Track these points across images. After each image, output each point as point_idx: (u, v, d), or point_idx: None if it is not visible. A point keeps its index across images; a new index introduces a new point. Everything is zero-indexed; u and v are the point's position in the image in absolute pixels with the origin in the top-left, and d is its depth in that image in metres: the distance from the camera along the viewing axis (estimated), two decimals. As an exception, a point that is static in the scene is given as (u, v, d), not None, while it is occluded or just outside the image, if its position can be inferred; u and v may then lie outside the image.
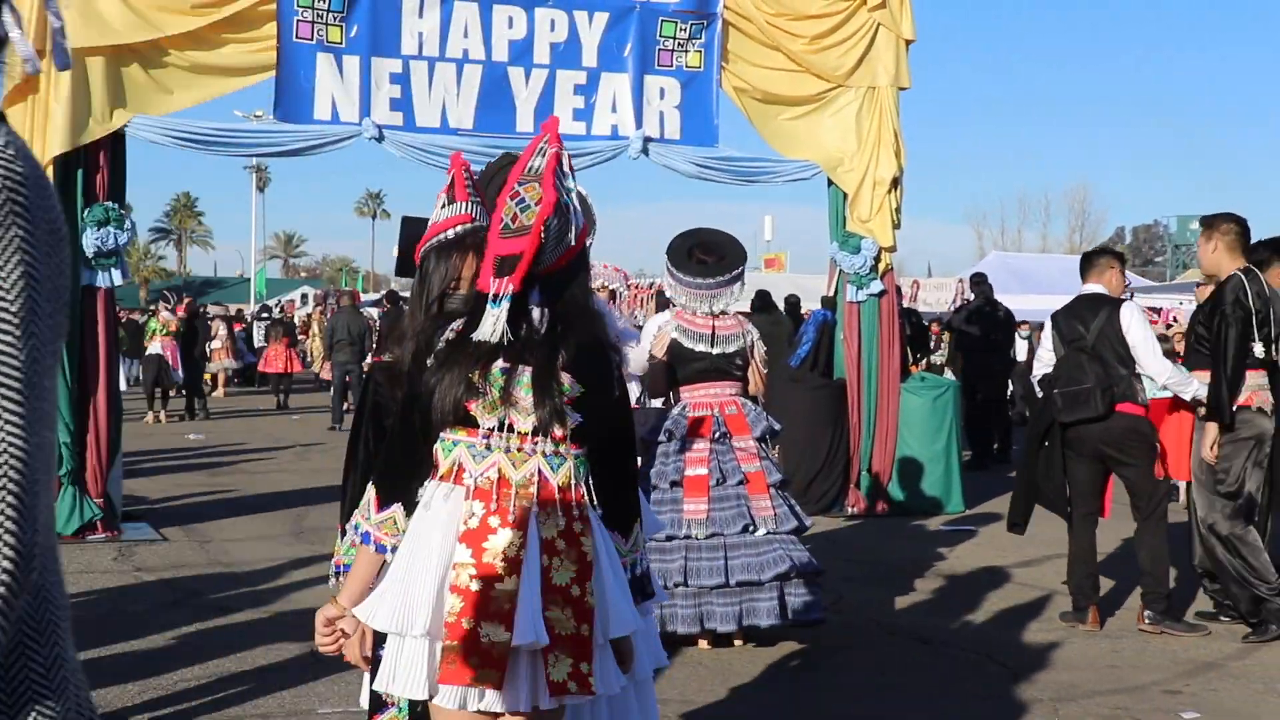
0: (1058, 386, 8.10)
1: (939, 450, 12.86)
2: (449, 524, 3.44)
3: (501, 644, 3.34)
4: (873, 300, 12.51)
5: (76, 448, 10.44)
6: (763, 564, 7.24)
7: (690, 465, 7.36)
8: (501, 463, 3.46)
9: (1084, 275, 8.47)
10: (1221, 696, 6.80)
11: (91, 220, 10.44)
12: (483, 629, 3.35)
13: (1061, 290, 27.95)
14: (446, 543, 3.42)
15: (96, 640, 7.34)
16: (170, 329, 23.09)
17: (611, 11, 11.74)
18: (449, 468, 3.49)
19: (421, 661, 3.39)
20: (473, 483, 3.46)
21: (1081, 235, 77.82)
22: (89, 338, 10.58)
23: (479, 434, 3.47)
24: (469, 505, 3.45)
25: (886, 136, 12.26)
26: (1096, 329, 8.09)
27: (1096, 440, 8.06)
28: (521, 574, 3.39)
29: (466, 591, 3.37)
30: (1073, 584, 8.26)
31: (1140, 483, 8.10)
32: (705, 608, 7.25)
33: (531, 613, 3.36)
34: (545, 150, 3.53)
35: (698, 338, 7.47)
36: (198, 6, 10.62)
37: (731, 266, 7.50)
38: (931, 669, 7.22)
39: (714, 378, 7.52)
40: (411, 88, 11.32)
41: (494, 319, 3.44)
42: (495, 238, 3.47)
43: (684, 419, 7.45)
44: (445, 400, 3.46)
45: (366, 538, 3.52)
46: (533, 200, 3.45)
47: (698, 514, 7.27)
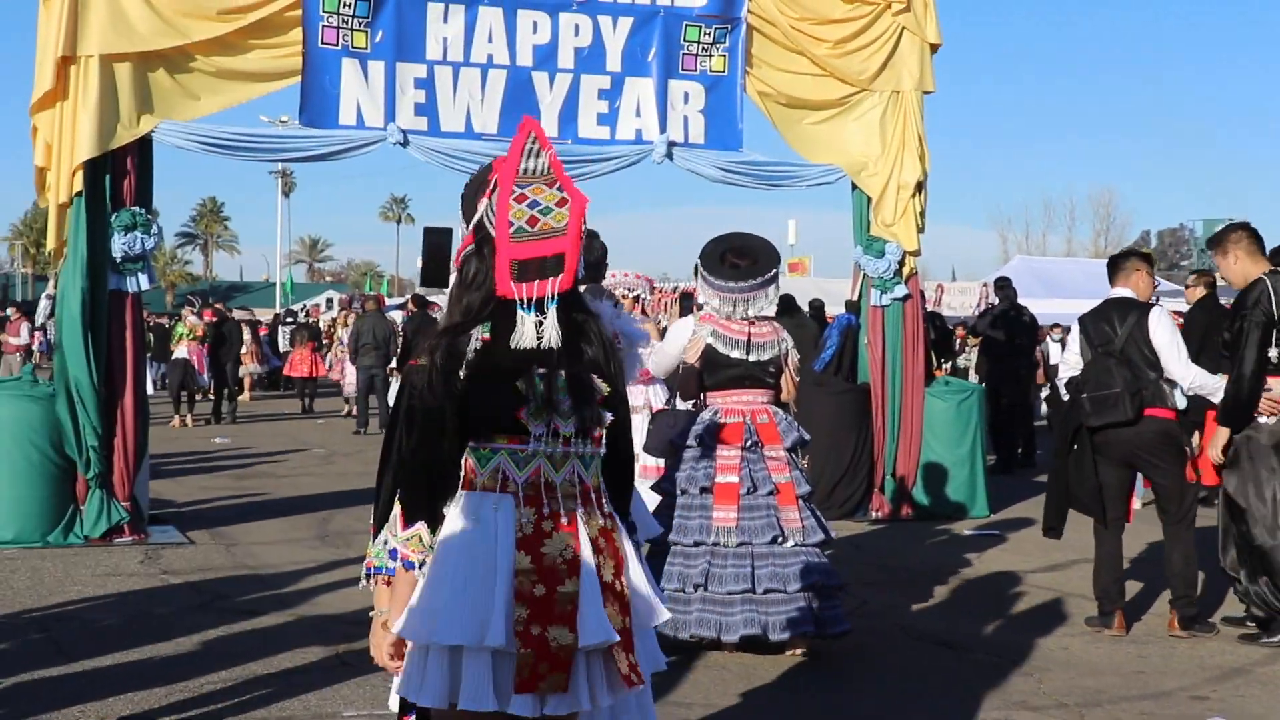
0: (1085, 390, 8.05)
1: (963, 454, 12.83)
2: (506, 533, 3.44)
3: (568, 646, 3.39)
4: (897, 304, 12.50)
5: (104, 451, 10.49)
6: (788, 575, 7.22)
7: (721, 472, 7.30)
8: (544, 467, 3.49)
9: (1112, 278, 8.41)
10: (1249, 702, 6.77)
11: (119, 225, 10.50)
12: (550, 633, 3.39)
13: (1086, 294, 27.86)
14: (508, 552, 3.43)
15: (123, 643, 7.38)
16: (196, 333, 23.20)
17: (636, 16, 11.75)
18: (491, 477, 3.49)
19: (487, 672, 3.38)
20: (519, 490, 3.48)
21: (1107, 239, 77.53)
22: (116, 342, 10.63)
23: (519, 440, 3.47)
24: (522, 512, 3.46)
25: (911, 140, 12.25)
26: (1125, 333, 8.05)
27: (1126, 445, 8.01)
28: (581, 575, 3.44)
29: (531, 598, 3.39)
30: (1098, 589, 8.21)
31: (1170, 487, 8.07)
32: (726, 618, 7.18)
33: (597, 612, 3.42)
34: (538, 151, 3.53)
35: (733, 344, 7.43)
36: (224, 12, 10.67)
37: (765, 270, 7.46)
38: (955, 674, 7.20)
39: (747, 385, 7.47)
40: (436, 93, 11.35)
41: (535, 323, 3.44)
42: (506, 242, 3.44)
43: (715, 425, 7.41)
44: (492, 409, 3.45)
45: (394, 554, 3.48)
46: (550, 202, 3.46)
47: (727, 521, 7.23)
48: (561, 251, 3.42)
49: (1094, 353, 8.14)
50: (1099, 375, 8.02)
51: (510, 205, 3.47)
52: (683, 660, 7.26)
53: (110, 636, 7.56)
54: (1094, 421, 8.01)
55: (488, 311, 3.51)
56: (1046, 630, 8.22)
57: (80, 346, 10.34)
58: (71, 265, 10.35)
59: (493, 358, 3.46)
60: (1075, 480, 8.15)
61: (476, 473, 3.50)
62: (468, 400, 3.45)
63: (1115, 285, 8.36)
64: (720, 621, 7.20)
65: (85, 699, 6.32)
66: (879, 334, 12.55)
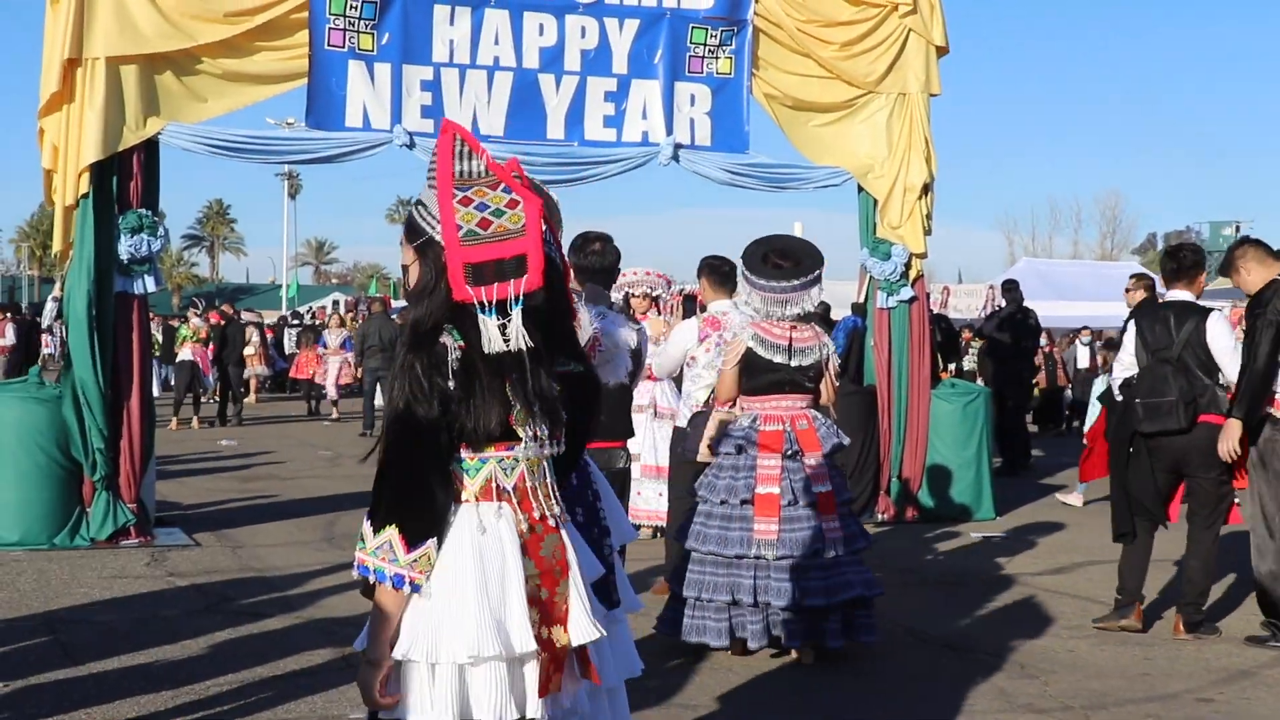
0: (1139, 396, 7.95)
1: (969, 457, 12.82)
2: (511, 540, 3.43)
3: (566, 645, 3.43)
4: (903, 306, 12.50)
5: (110, 453, 10.50)
6: (833, 587, 7.19)
7: (762, 483, 7.22)
8: (525, 470, 3.49)
9: (1171, 280, 8.26)
10: (1254, 705, 6.76)
11: (125, 227, 10.51)
12: (554, 634, 3.42)
13: (1092, 296, 27.84)
14: (516, 559, 3.41)
15: (129, 646, 7.39)
16: (200, 335, 23.23)
17: (642, 18, 11.76)
18: (483, 486, 3.46)
19: (504, 681, 3.36)
20: (514, 496, 3.47)
21: (1113, 241, 77.46)
22: (122, 344, 10.65)
23: (507, 447, 3.45)
24: (519, 517, 3.46)
25: (917, 143, 12.24)
26: (1183, 338, 7.92)
27: (1178, 451, 7.94)
28: (570, 575, 3.47)
29: (539, 602, 3.41)
30: (1123, 584, 8.13)
31: (1210, 493, 7.99)
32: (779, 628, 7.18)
33: (585, 610, 3.45)
34: (470, 154, 3.49)
35: (774, 348, 7.33)
36: (230, 15, 10.69)
37: (808, 271, 7.37)
38: (961, 676, 7.19)
39: (786, 390, 7.39)
40: (442, 95, 11.36)
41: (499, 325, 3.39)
42: (457, 246, 3.37)
43: (755, 432, 7.33)
44: (488, 420, 3.40)
45: (399, 580, 3.33)
46: (500, 204, 3.42)
47: (769, 534, 7.14)
48: (523, 253, 3.37)
49: (1149, 357, 8.01)
50: (1154, 382, 7.92)
51: (455, 208, 3.41)
52: (686, 661, 7.26)
53: (116, 639, 7.57)
54: (1147, 428, 7.92)
55: (447, 317, 3.44)
56: (1052, 633, 8.21)
57: (86, 349, 10.35)
58: (78, 267, 10.37)
59: (474, 365, 3.40)
60: (1135, 485, 8.03)
61: (465, 484, 3.45)
62: (458, 411, 3.39)
63: (1174, 287, 8.21)
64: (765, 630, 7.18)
65: (91, 702, 6.32)
66: (885, 336, 12.55)
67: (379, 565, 3.33)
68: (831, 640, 7.23)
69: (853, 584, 7.26)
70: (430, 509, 3.37)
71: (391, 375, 3.47)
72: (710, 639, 7.21)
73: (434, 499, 3.38)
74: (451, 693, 3.34)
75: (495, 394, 3.40)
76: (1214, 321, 8.00)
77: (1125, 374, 8.19)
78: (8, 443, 10.37)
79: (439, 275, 3.43)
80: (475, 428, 3.38)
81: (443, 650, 3.32)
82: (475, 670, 3.34)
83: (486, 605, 3.34)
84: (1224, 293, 29.13)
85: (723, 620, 7.21)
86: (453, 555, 3.39)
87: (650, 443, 10.97)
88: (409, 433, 3.35)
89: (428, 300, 3.45)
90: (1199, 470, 8.01)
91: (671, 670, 7.13)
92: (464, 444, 3.42)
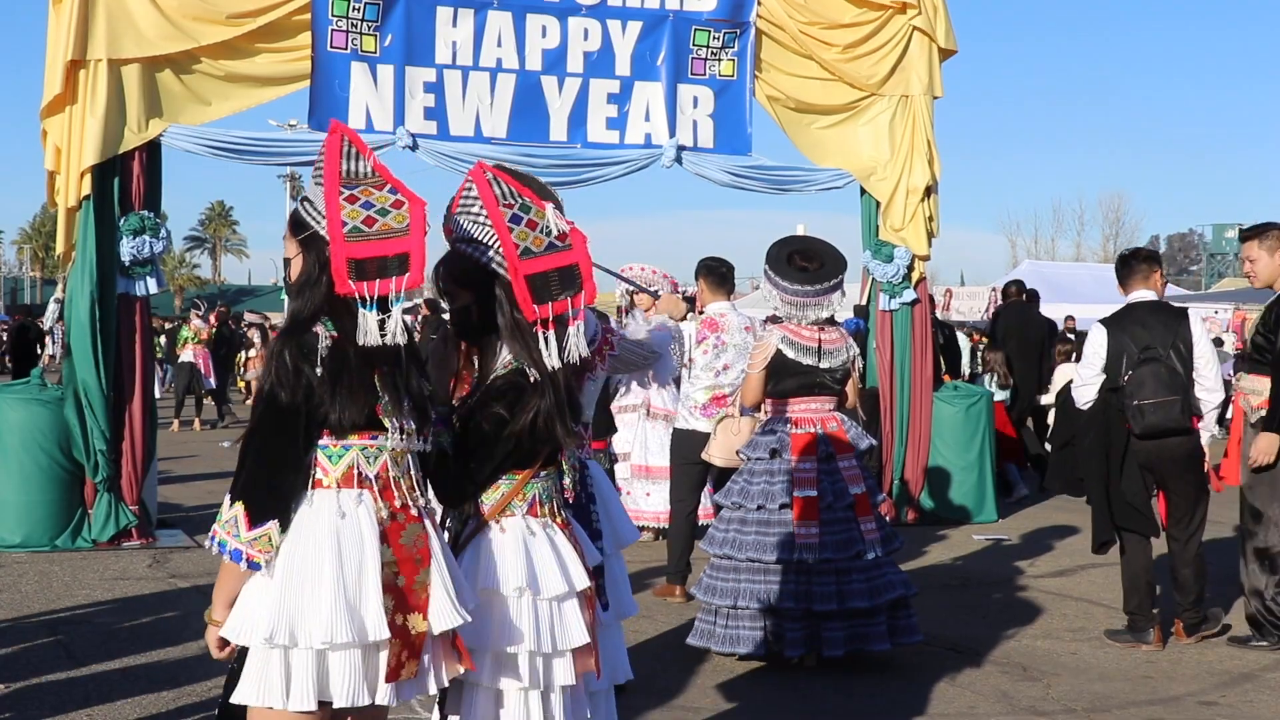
0: (1138, 398, 7.70)
1: (972, 459, 12.81)
2: (370, 527, 3.52)
3: (422, 632, 3.50)
4: (905, 309, 12.48)
5: (112, 455, 10.50)
6: (875, 589, 7.17)
7: (799, 486, 7.16)
8: (389, 460, 3.60)
9: (1126, 281, 8.09)
10: (1258, 708, 6.76)
11: (127, 229, 10.51)
12: (410, 621, 3.49)
13: (1095, 299, 27.83)
14: (374, 546, 3.50)
15: (131, 647, 7.39)
16: (201, 337, 23.26)
17: (645, 20, 11.75)
18: (345, 473, 3.56)
19: (358, 667, 3.47)
20: (375, 484, 3.57)
21: (1116, 244, 77.33)
22: (124, 346, 10.65)
23: (370, 436, 3.56)
24: (379, 505, 3.56)
25: (920, 145, 12.23)
26: (1169, 339, 7.78)
27: (1157, 456, 7.81)
28: (431, 564, 3.56)
29: (394, 588, 3.50)
30: (1132, 604, 7.96)
31: (1186, 502, 7.91)
32: (825, 634, 7.11)
33: (447, 598, 3.53)
34: (358, 155, 3.62)
35: (804, 351, 7.28)
36: (233, 17, 10.68)
37: (831, 275, 7.30)
38: (964, 678, 7.19)
39: (816, 393, 7.35)
40: (445, 97, 11.36)
41: (378, 320, 3.51)
42: (341, 241, 3.47)
43: (788, 436, 7.29)
44: (353, 409, 3.52)
45: (237, 555, 3.46)
46: (385, 204, 3.53)
47: (810, 538, 7.09)
48: (405, 251, 3.48)
49: (1139, 359, 7.76)
50: (1148, 382, 7.70)
51: (342, 205, 3.51)
52: (688, 664, 7.26)
53: (118, 640, 7.57)
54: (1147, 430, 7.70)
55: (325, 310, 3.57)
56: (1055, 635, 8.21)
57: (89, 350, 10.35)
58: (80, 269, 10.37)
59: (344, 356, 3.52)
60: (1129, 493, 7.83)
61: (328, 470, 3.55)
62: (322, 398, 3.50)
63: (1134, 288, 8.04)
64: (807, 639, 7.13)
65: (93, 703, 6.33)
66: (887, 338, 12.53)
67: (223, 538, 3.49)
68: (877, 644, 7.18)
69: (894, 584, 7.25)
70: (276, 491, 3.50)
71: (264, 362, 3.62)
72: (747, 648, 7.11)
73: (281, 482, 3.51)
74: (309, 675, 3.45)
75: (362, 384, 3.53)
76: (1197, 325, 7.90)
77: (1096, 380, 7.93)
78: (10, 444, 10.37)
79: (322, 269, 3.56)
80: (339, 416, 3.50)
81: (300, 634, 3.44)
82: (332, 654, 3.45)
83: (342, 591, 3.45)
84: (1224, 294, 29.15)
85: (758, 629, 7.12)
86: (312, 540, 3.49)
87: (641, 442, 10.96)
88: (270, 416, 3.49)
89: (309, 292, 3.59)
90: (1176, 478, 7.90)
91: (672, 672, 7.13)
92: (327, 431, 3.53)
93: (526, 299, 3.72)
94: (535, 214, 3.80)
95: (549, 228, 3.79)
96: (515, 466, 3.87)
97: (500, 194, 3.81)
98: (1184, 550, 7.96)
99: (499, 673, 3.80)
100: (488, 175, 3.86)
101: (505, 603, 3.76)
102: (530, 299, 3.71)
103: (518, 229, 3.75)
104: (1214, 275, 58.63)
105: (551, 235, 3.78)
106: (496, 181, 3.84)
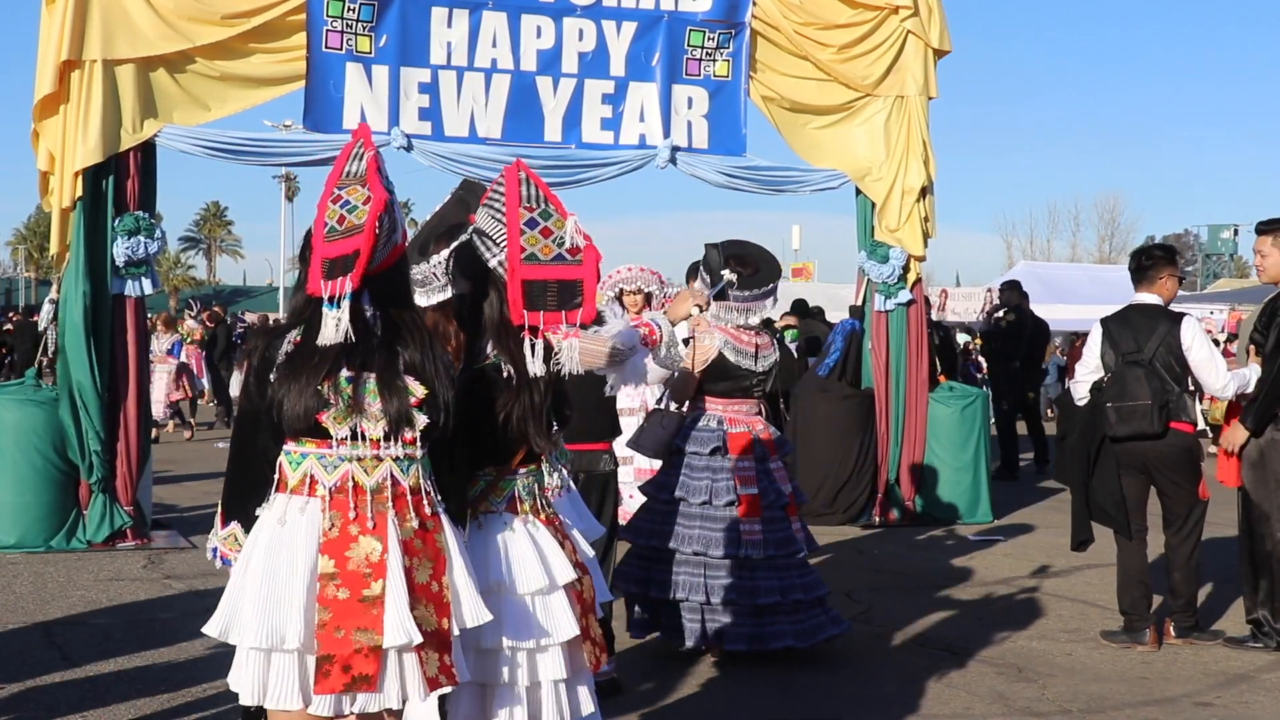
0: (1110, 400, 7.79)
1: (967, 460, 12.80)
2: (309, 537, 3.51)
3: (374, 647, 3.45)
4: (901, 309, 12.49)
5: (107, 455, 10.49)
6: (809, 584, 7.35)
7: (744, 484, 7.26)
8: (354, 470, 3.53)
9: (1138, 282, 8.08)
10: (1254, 709, 6.76)
11: (122, 229, 10.50)
12: (355, 636, 3.45)
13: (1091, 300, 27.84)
14: (309, 555, 3.49)
15: (126, 648, 7.38)
16: (195, 337, 23.24)
17: (640, 21, 11.75)
18: (300, 480, 3.55)
19: (292, 673, 3.48)
20: (327, 493, 3.52)
21: (1111, 245, 77.36)
22: (119, 346, 10.64)
23: (328, 444, 3.52)
24: (328, 516, 3.51)
25: (915, 146, 12.23)
26: (1154, 344, 7.78)
27: (1145, 456, 7.82)
28: (387, 577, 3.49)
29: (334, 601, 3.46)
30: (1125, 603, 7.98)
31: (1181, 502, 7.90)
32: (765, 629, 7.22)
33: (401, 614, 3.47)
34: (363, 154, 3.61)
35: (744, 355, 7.39)
36: (228, 17, 10.68)
37: (766, 280, 7.39)
38: (959, 679, 7.19)
39: (749, 395, 7.48)
40: (440, 97, 11.35)
41: (335, 320, 3.48)
42: (321, 242, 3.48)
43: (725, 435, 7.36)
44: (295, 413, 3.49)
45: (214, 552, 3.66)
46: (359, 201, 3.50)
47: (755, 534, 7.20)
48: (353, 250, 3.45)
49: (1119, 361, 7.86)
50: (1126, 385, 7.77)
51: (327, 206, 3.52)
52: (677, 665, 7.25)
53: (113, 641, 7.56)
54: (1120, 432, 7.76)
55: (308, 312, 3.56)
56: (1050, 636, 8.21)
57: (83, 351, 10.34)
58: (74, 270, 10.36)
59: (301, 359, 3.51)
60: (1100, 492, 7.86)
61: (287, 476, 3.56)
62: (272, 401, 3.51)
63: (1141, 290, 8.04)
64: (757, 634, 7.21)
65: (89, 705, 6.32)
66: (883, 339, 12.54)
67: (212, 537, 3.70)
68: (821, 634, 7.34)
69: (819, 582, 7.46)
70: (240, 492, 3.62)
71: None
72: (688, 640, 7.20)
73: (245, 483, 3.60)
74: (252, 673, 3.52)
75: (308, 390, 3.48)
76: (1188, 329, 7.83)
77: (1090, 377, 8.02)
78: (4, 445, 10.36)
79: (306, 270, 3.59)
80: (282, 420, 3.51)
81: (234, 633, 3.53)
82: (271, 656, 3.49)
83: (266, 596, 3.48)
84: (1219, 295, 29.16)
85: (696, 621, 7.20)
86: (253, 542, 3.58)
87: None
88: (239, 420, 3.63)
89: (296, 294, 3.65)
90: (1169, 479, 7.90)
91: (655, 672, 7.12)
92: (289, 436, 3.54)
93: (518, 302, 3.74)
94: (554, 223, 3.80)
95: (563, 239, 3.79)
96: (491, 462, 3.86)
97: (525, 196, 3.82)
98: (1177, 553, 7.96)
99: (480, 669, 3.82)
100: (521, 175, 3.87)
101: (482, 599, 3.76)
102: (521, 303, 3.72)
103: (530, 233, 3.76)
104: (1209, 276, 58.61)
105: (563, 247, 3.79)
106: (527, 182, 3.85)
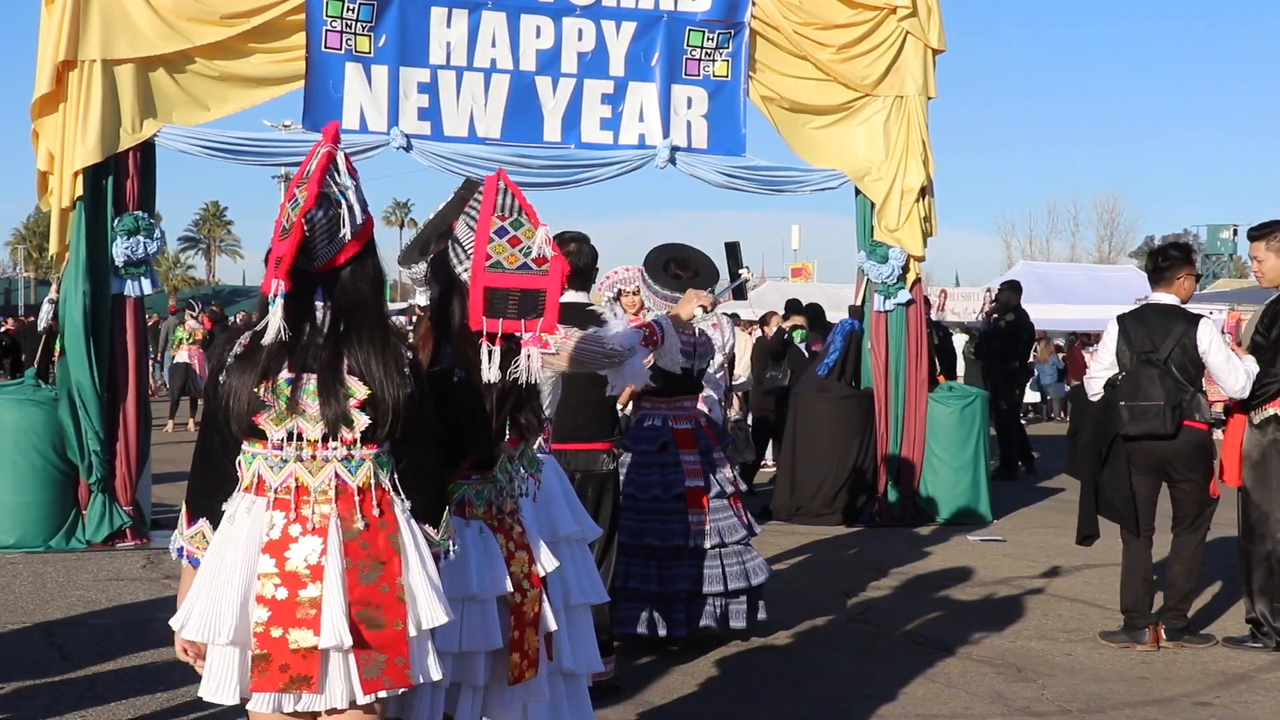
0: (1124, 399, 7.78)
1: (966, 460, 12.79)
2: (251, 536, 3.53)
3: (310, 648, 3.46)
4: (900, 309, 12.48)
5: (106, 455, 10.49)
6: (754, 569, 7.69)
7: (690, 477, 7.57)
8: (298, 471, 3.54)
9: (1155, 282, 8.07)
10: (1253, 709, 6.76)
11: (121, 229, 10.50)
12: (291, 636, 3.45)
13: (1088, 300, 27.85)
14: (250, 554, 3.51)
15: (126, 647, 7.38)
16: (196, 337, 23.23)
17: (639, 21, 11.75)
18: (251, 480, 3.57)
19: (231, 669, 3.53)
20: (273, 494, 3.54)
21: (1110, 245, 77.41)
22: (119, 346, 10.64)
23: (267, 445, 3.54)
24: (270, 516, 3.53)
25: (915, 146, 12.23)
26: (1170, 344, 7.76)
27: (1159, 455, 7.82)
28: (325, 579, 3.48)
29: (272, 601, 3.47)
30: (1127, 601, 7.97)
31: (1192, 499, 7.90)
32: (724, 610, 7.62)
33: (336, 616, 3.46)
34: (319, 152, 3.61)
35: (685, 354, 7.47)
36: (227, 17, 10.68)
37: (704, 284, 7.45)
38: (958, 679, 7.19)
39: (690, 390, 7.76)
40: (439, 97, 11.36)
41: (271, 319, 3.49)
42: (276, 241, 3.50)
43: (670, 430, 7.64)
44: (237, 414, 3.52)
45: (180, 552, 3.66)
46: (303, 198, 3.50)
47: (703, 525, 7.52)
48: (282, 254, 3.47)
49: (1134, 359, 7.84)
50: (1140, 384, 7.75)
51: (284, 207, 3.54)
52: (676, 666, 7.26)
53: (113, 641, 7.56)
54: (1132, 430, 7.75)
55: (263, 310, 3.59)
56: (1049, 636, 8.21)
57: (82, 351, 10.34)
58: (74, 270, 10.36)
59: (246, 360, 3.52)
60: (1109, 488, 7.85)
61: (243, 475, 3.59)
62: (220, 401, 3.55)
63: (1159, 289, 8.02)
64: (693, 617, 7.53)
65: (88, 704, 6.32)
66: (882, 339, 12.53)
67: (175, 534, 3.69)
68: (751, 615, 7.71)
69: (761, 568, 7.75)
70: (202, 490, 3.63)
71: None
72: (641, 629, 7.43)
73: (207, 481, 3.63)
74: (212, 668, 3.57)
75: (245, 391, 3.51)
76: (1205, 331, 7.81)
77: (1105, 374, 7.98)
78: (4, 445, 10.36)
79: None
80: (228, 420, 3.53)
81: (179, 622, 3.59)
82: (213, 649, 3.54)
83: (209, 592, 3.52)
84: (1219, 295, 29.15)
85: (647, 610, 7.44)
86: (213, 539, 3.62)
87: None
88: (203, 419, 3.68)
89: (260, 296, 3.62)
90: (1181, 477, 7.90)
91: (654, 673, 7.12)
92: (240, 436, 3.56)
93: (478, 308, 3.80)
94: (524, 233, 3.86)
95: (530, 249, 3.84)
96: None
97: (500, 205, 3.87)
98: (1181, 547, 7.96)
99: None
100: (500, 184, 3.92)
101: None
102: (481, 309, 3.79)
103: (498, 241, 3.83)
104: (1209, 276, 58.51)
105: (529, 257, 3.84)
106: (505, 192, 3.90)
